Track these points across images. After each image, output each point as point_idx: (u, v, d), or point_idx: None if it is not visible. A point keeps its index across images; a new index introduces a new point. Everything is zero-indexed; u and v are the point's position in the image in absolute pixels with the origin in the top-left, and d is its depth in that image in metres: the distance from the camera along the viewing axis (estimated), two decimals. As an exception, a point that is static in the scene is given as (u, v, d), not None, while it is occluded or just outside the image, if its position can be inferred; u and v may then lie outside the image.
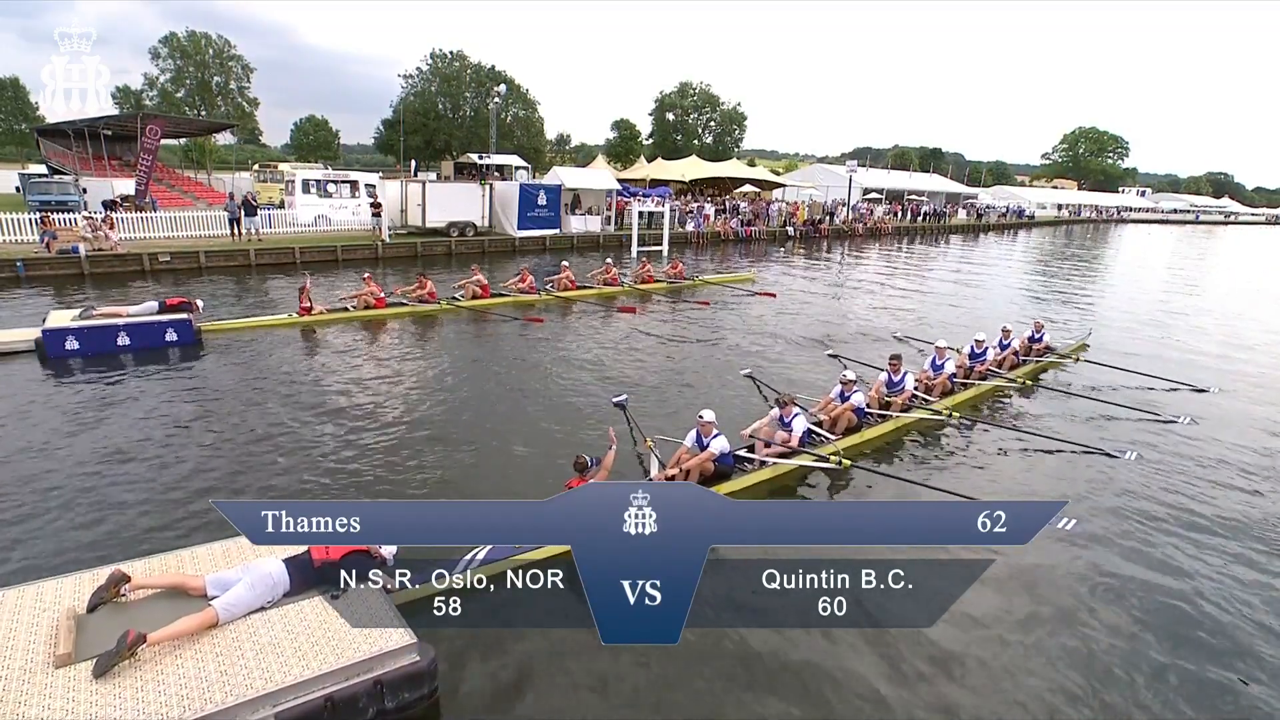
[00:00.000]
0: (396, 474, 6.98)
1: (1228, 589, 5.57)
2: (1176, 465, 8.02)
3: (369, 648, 3.79)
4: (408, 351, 11.82)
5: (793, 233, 35.94)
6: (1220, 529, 6.57)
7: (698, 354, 12.16)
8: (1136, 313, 19.46)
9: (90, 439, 7.49)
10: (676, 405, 9.21)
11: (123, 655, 3.54)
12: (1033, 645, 4.80)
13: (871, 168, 64.65)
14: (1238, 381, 12.05)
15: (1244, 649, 4.88)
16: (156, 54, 50.09)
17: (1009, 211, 60.31)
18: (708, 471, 6.48)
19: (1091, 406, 9.89)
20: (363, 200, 25.07)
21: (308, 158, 64.58)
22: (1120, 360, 12.29)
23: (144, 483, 6.56)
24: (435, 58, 56.33)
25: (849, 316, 16.43)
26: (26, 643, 3.76)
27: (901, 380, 8.81)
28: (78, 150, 26.87)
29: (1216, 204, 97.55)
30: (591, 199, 30.14)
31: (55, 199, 21.97)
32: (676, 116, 65.23)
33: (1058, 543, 5.98)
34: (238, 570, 4.22)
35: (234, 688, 3.47)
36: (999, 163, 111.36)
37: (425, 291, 14.69)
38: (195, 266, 18.56)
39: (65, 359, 10.22)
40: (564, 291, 16.32)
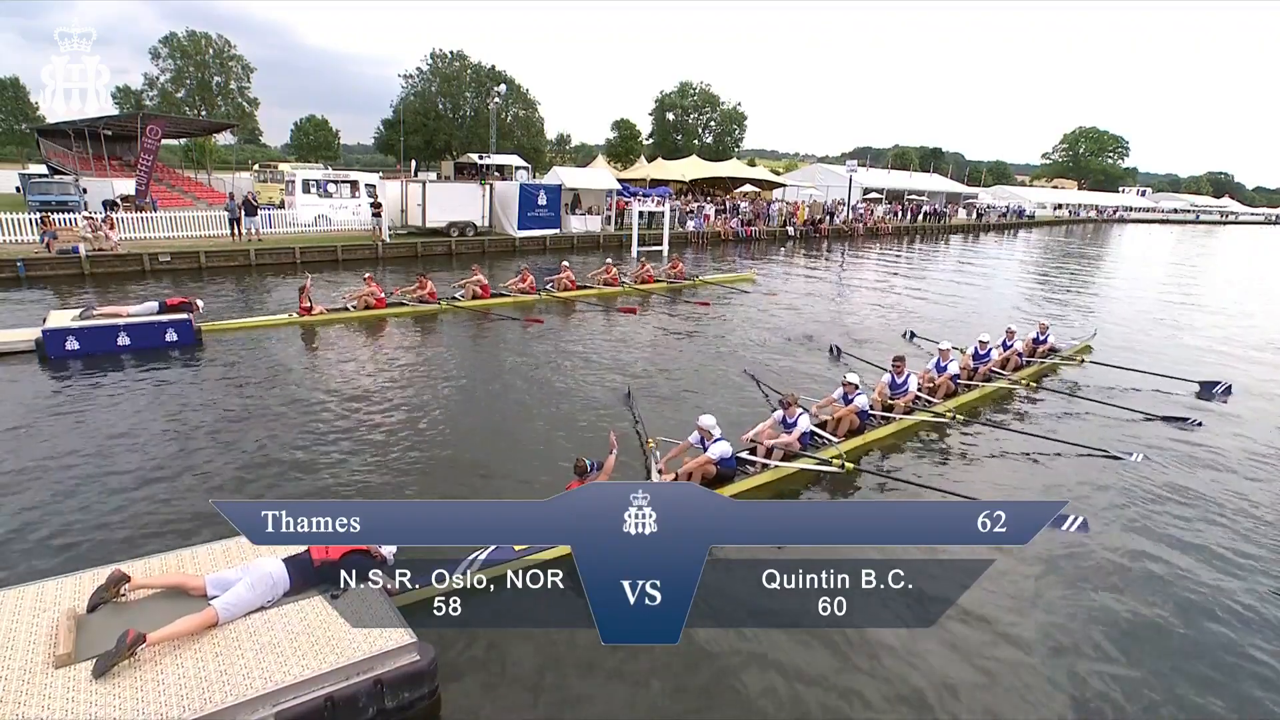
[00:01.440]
0: (396, 474, 6.98)
1: (1233, 592, 5.54)
2: (1185, 467, 7.93)
3: (369, 647, 3.79)
4: (408, 352, 11.82)
5: (793, 233, 35.94)
6: (1229, 531, 6.52)
7: (698, 354, 12.16)
8: (1141, 312, 19.40)
9: (90, 439, 7.49)
10: (677, 406, 9.21)
11: (122, 655, 3.54)
12: (1033, 646, 4.80)
13: (871, 167, 64.62)
14: (1248, 380, 11.89)
15: (1246, 651, 4.86)
16: (156, 54, 50.10)
17: (1009, 211, 60.26)
18: (709, 474, 6.46)
19: (1097, 408, 9.81)
20: (363, 200, 25.08)
21: (308, 158, 64.56)
22: (1126, 360, 12.22)
23: (144, 483, 6.56)
24: (435, 58, 56.32)
25: (850, 317, 16.41)
26: (26, 643, 3.76)
27: (905, 382, 8.75)
28: (78, 150, 26.87)
29: (1216, 204, 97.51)
30: (592, 199, 30.14)
31: (55, 199, 21.97)
32: (676, 116, 65.18)
33: (1060, 544, 5.97)
34: (238, 570, 4.22)
35: (234, 688, 3.47)
36: (999, 162, 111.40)
37: (425, 292, 14.70)
38: (195, 267, 18.55)
39: (65, 359, 10.22)
40: (564, 292, 16.32)
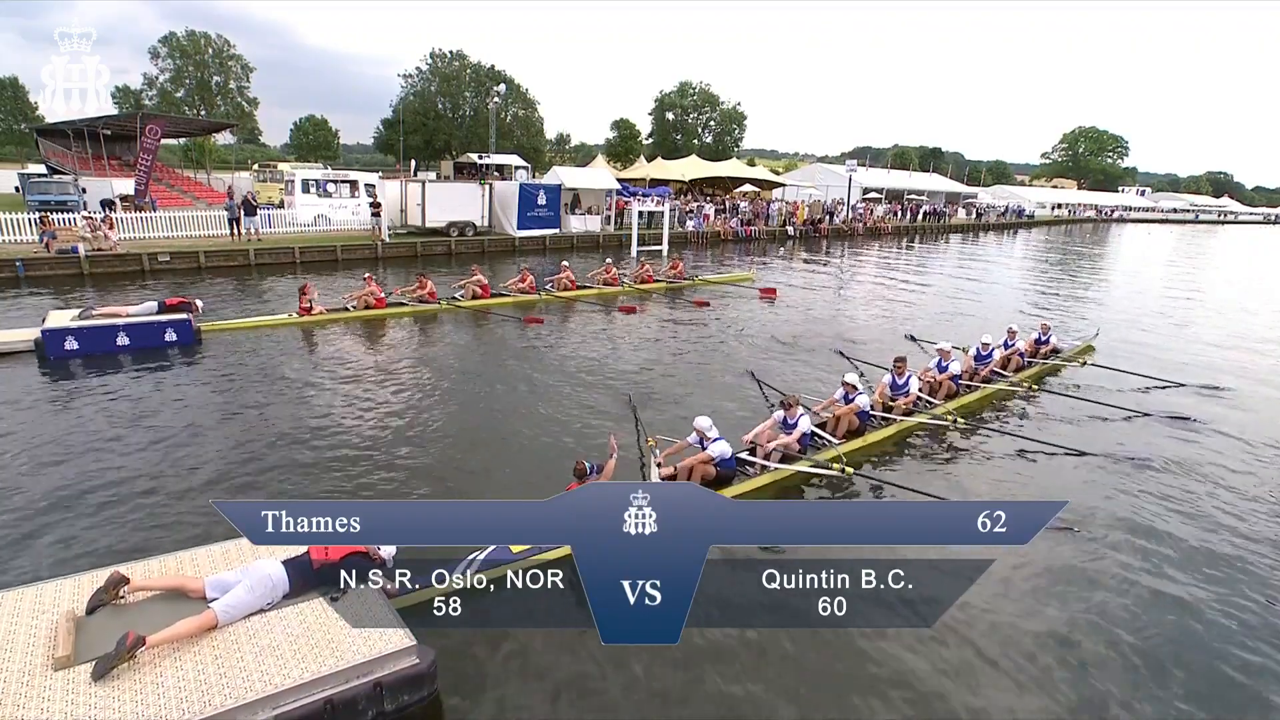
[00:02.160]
0: (397, 474, 6.97)
1: (1235, 593, 5.53)
2: (1187, 468, 7.88)
3: (368, 650, 3.78)
4: (408, 352, 11.81)
5: (792, 232, 35.94)
6: (1231, 533, 6.49)
7: (698, 354, 12.15)
8: (1143, 312, 19.28)
9: (89, 440, 7.48)
10: (677, 406, 9.20)
11: (122, 658, 3.53)
12: (1033, 646, 4.79)
13: (871, 167, 64.63)
14: (1250, 381, 11.81)
15: (1248, 653, 4.85)
16: (156, 54, 50.12)
17: (1009, 211, 60.28)
18: (709, 476, 6.45)
19: (1099, 409, 9.74)
20: (362, 200, 25.06)
21: (307, 157, 64.53)
22: (1129, 361, 12.14)
23: (143, 484, 6.54)
24: (435, 57, 56.33)
25: (850, 316, 16.41)
26: (26, 645, 3.75)
27: (906, 382, 8.72)
28: (77, 150, 26.86)
29: (1216, 203, 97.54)
30: (591, 199, 30.13)
31: (54, 199, 21.95)
32: (676, 116, 65.19)
33: (1062, 545, 5.97)
34: (237, 572, 4.21)
35: (233, 690, 3.46)
36: (999, 162, 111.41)
37: (425, 292, 14.69)
38: (195, 266, 18.55)
39: (65, 359, 10.21)
40: (564, 291, 16.31)
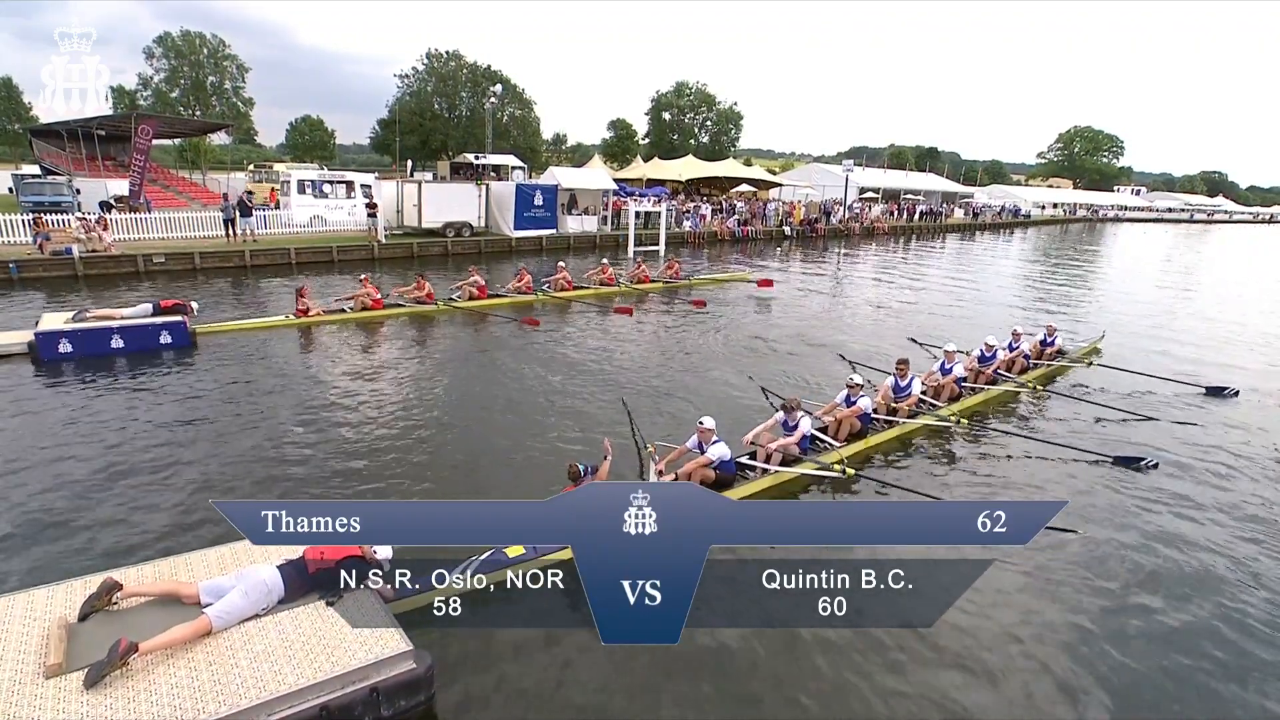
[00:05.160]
0: (395, 475, 6.93)
1: (1238, 596, 5.51)
2: (1192, 470, 7.80)
3: (365, 655, 3.74)
4: (405, 353, 11.77)
5: (789, 232, 35.94)
6: (1235, 535, 6.44)
7: (696, 355, 12.13)
8: (1147, 312, 19.12)
9: (83, 443, 7.42)
10: (675, 407, 9.18)
11: (115, 665, 3.49)
12: (1034, 646, 4.77)
13: (868, 167, 64.70)
14: (1256, 382, 11.70)
15: (1251, 655, 4.84)
16: (151, 54, 50.09)
17: (1005, 210, 60.42)
18: (709, 479, 6.40)
19: (1106, 412, 9.61)
20: (358, 201, 24.99)
21: (303, 158, 64.42)
22: (1135, 362, 12.02)
23: (137, 488, 6.49)
24: (431, 57, 56.34)
25: (849, 318, 16.40)
26: (17, 652, 3.70)
27: (909, 385, 8.65)
28: (71, 151, 26.73)
29: (1210, 203, 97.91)
30: (588, 199, 30.09)
31: (49, 200, 21.81)
32: (673, 116, 65.30)
33: (1063, 545, 5.94)
34: (231, 577, 4.17)
35: (228, 697, 3.43)
36: (995, 162, 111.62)
37: (423, 293, 14.64)
38: (190, 268, 18.44)
39: (59, 362, 10.13)
40: (561, 292, 16.28)
